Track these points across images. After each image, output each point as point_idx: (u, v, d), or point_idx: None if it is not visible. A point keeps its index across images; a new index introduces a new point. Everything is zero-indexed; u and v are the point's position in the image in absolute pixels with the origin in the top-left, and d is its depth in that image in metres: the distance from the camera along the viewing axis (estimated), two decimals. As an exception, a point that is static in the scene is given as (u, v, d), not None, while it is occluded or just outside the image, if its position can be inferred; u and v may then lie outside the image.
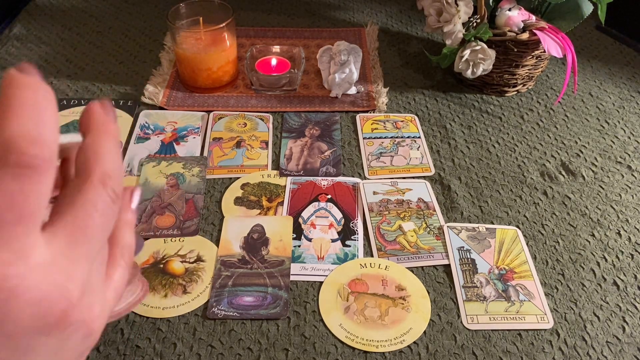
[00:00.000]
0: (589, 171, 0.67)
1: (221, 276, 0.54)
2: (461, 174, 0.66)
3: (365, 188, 0.63)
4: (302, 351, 0.48)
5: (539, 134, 0.73)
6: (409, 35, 0.92)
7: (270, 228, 0.58)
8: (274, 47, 0.80)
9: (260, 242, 0.57)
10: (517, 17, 0.70)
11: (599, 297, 0.54)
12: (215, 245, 0.57)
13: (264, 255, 0.56)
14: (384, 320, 0.51)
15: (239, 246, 0.57)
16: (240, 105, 0.75)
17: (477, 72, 0.71)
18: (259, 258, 0.55)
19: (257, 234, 0.58)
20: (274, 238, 0.57)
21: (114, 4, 0.98)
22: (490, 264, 0.56)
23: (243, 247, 0.56)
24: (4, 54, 0.84)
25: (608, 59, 0.88)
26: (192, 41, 0.73)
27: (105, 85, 0.78)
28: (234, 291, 0.52)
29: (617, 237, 0.59)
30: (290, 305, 0.52)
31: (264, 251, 0.56)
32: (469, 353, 0.49)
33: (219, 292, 0.52)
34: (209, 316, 0.50)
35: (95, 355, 0.47)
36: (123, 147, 0.68)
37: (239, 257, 0.55)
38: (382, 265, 0.55)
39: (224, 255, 0.56)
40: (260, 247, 0.57)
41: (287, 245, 0.57)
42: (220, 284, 0.53)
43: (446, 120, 0.74)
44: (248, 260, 0.55)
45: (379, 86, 0.79)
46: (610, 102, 0.79)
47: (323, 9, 0.98)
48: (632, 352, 0.49)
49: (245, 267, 0.55)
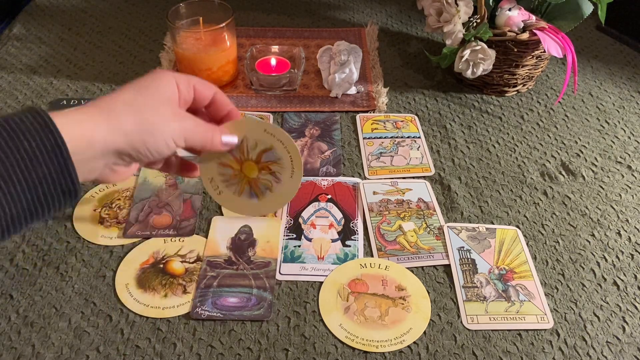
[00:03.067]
0: (589, 171, 0.67)
1: (206, 276, 0.54)
2: (461, 174, 0.66)
3: (365, 188, 0.63)
4: (302, 351, 0.48)
5: (539, 134, 0.73)
6: (409, 35, 0.92)
7: (258, 229, 0.58)
8: (274, 47, 0.80)
9: (247, 243, 0.57)
10: (517, 17, 0.70)
11: (599, 297, 0.54)
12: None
13: (250, 256, 0.56)
14: (384, 320, 0.51)
15: (226, 247, 0.57)
16: (240, 105, 0.75)
17: (477, 72, 0.71)
18: (245, 259, 0.55)
19: (244, 235, 0.58)
20: (261, 239, 0.57)
21: (114, 4, 0.98)
22: (490, 264, 0.56)
23: (230, 247, 0.56)
24: (4, 54, 0.84)
25: (608, 59, 0.88)
26: (192, 41, 0.73)
27: (105, 85, 0.78)
28: (218, 292, 0.52)
29: (617, 237, 0.59)
30: (273, 307, 0.52)
31: (250, 252, 0.56)
32: (469, 353, 0.49)
33: (203, 293, 0.52)
34: (193, 316, 0.50)
35: (95, 356, 0.47)
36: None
37: (225, 258, 0.55)
38: (382, 265, 0.55)
39: (210, 255, 0.56)
40: (247, 248, 0.56)
41: (274, 247, 0.57)
42: (205, 284, 0.53)
43: (446, 120, 0.74)
44: (234, 261, 0.55)
45: (379, 86, 0.79)
46: (610, 102, 0.79)
47: (323, 9, 0.98)
48: (632, 352, 0.49)
49: (231, 268, 0.54)
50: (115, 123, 0.35)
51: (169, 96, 0.39)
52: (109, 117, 0.35)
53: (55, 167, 0.32)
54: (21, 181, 0.31)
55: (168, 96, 0.38)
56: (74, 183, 0.33)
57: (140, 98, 0.37)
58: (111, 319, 0.50)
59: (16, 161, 0.31)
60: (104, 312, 0.51)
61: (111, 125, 0.35)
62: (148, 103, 0.37)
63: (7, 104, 0.74)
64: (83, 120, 0.34)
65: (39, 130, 0.32)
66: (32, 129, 0.32)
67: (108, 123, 0.35)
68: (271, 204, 0.47)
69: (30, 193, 0.32)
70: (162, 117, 0.38)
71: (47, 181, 0.32)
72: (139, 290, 0.52)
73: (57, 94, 0.76)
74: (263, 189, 0.46)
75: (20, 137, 0.31)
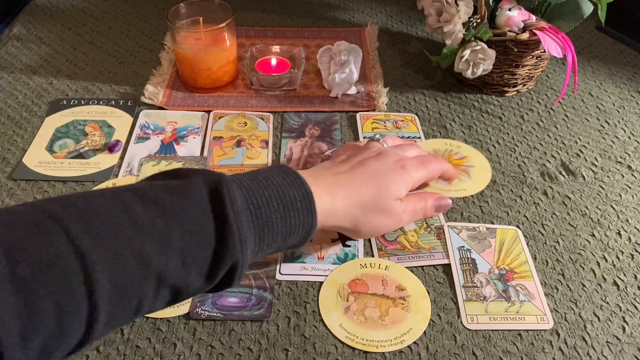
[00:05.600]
0: (589, 171, 0.67)
1: None
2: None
3: (365, 188, 0.63)
4: (302, 351, 0.48)
5: (539, 134, 0.73)
6: (409, 35, 0.92)
7: None
8: (274, 47, 0.80)
9: None
10: (517, 17, 0.70)
11: (599, 297, 0.54)
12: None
13: None
14: (384, 320, 0.51)
15: None
16: (240, 105, 0.75)
17: (477, 72, 0.71)
18: None
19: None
20: None
21: (114, 4, 0.98)
22: (490, 264, 0.56)
23: None
24: (4, 54, 0.84)
25: (608, 59, 0.88)
26: (192, 41, 0.73)
27: (105, 85, 0.78)
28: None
29: (617, 237, 0.59)
30: (273, 307, 0.52)
31: None
32: (469, 353, 0.49)
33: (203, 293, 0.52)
34: (192, 317, 0.50)
35: (95, 356, 0.47)
36: (123, 146, 0.68)
37: None
38: (382, 265, 0.55)
39: None
40: None
41: None
42: None
43: (446, 120, 0.74)
44: None
45: (379, 86, 0.79)
46: (610, 102, 0.79)
47: (323, 9, 0.98)
48: (632, 352, 0.49)
49: None
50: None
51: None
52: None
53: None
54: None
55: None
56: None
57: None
58: (111, 319, 0.50)
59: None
60: (104, 312, 0.51)
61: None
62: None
63: (7, 104, 0.74)
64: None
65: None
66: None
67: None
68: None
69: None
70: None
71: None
72: (139, 290, 0.52)
73: (57, 94, 0.76)
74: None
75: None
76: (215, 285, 0.41)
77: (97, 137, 0.69)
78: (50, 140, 0.69)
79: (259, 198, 0.42)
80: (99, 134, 0.70)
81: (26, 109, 0.74)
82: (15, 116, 0.72)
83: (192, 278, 0.38)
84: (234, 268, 0.40)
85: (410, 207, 0.52)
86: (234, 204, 0.40)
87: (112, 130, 0.70)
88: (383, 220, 0.50)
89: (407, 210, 0.52)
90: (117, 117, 0.72)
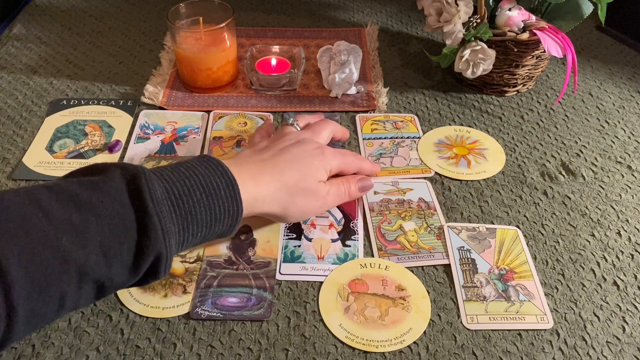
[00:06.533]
0: (589, 171, 0.67)
1: (206, 276, 0.54)
2: (461, 174, 0.66)
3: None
4: (302, 351, 0.48)
5: (539, 134, 0.73)
6: (409, 35, 0.92)
7: (258, 229, 0.58)
8: (274, 47, 0.80)
9: (247, 243, 0.57)
10: (517, 17, 0.70)
11: (599, 297, 0.54)
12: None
13: (250, 256, 0.56)
14: (384, 320, 0.51)
15: (226, 247, 0.56)
16: (240, 105, 0.75)
17: (477, 72, 0.71)
18: (245, 259, 0.55)
19: (244, 234, 0.58)
20: (261, 239, 0.57)
21: (114, 4, 0.98)
22: (490, 264, 0.56)
23: (230, 247, 0.56)
24: (4, 54, 0.84)
25: (608, 59, 0.88)
26: (192, 41, 0.73)
27: (105, 85, 0.78)
28: (218, 292, 0.52)
29: (617, 237, 0.59)
30: (273, 307, 0.52)
31: (250, 252, 0.56)
32: (469, 353, 0.49)
33: (203, 293, 0.52)
34: (192, 317, 0.50)
35: (95, 356, 0.47)
36: (123, 146, 0.68)
37: (225, 258, 0.55)
38: (382, 265, 0.55)
39: (210, 255, 0.56)
40: (247, 248, 0.56)
41: (274, 247, 0.57)
42: (205, 284, 0.53)
43: (446, 120, 0.74)
44: (234, 261, 0.55)
45: (379, 86, 0.79)
46: (610, 102, 0.79)
47: (323, 9, 0.98)
48: (632, 352, 0.49)
49: (231, 268, 0.54)
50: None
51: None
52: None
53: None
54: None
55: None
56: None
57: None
58: (111, 319, 0.50)
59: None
60: (104, 312, 0.51)
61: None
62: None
63: (7, 104, 0.74)
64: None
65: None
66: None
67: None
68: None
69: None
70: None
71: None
72: (139, 290, 0.52)
73: (57, 94, 0.76)
74: None
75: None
76: (140, 278, 0.41)
77: (97, 137, 0.69)
78: (50, 140, 0.69)
79: (181, 188, 0.42)
80: (99, 134, 0.70)
81: (26, 109, 0.74)
82: (15, 116, 0.72)
83: (115, 271, 0.38)
84: (158, 260, 0.40)
85: (334, 189, 0.56)
86: (153, 195, 0.39)
87: (112, 130, 0.70)
88: (309, 202, 0.53)
89: (331, 192, 0.55)
90: (117, 117, 0.72)
